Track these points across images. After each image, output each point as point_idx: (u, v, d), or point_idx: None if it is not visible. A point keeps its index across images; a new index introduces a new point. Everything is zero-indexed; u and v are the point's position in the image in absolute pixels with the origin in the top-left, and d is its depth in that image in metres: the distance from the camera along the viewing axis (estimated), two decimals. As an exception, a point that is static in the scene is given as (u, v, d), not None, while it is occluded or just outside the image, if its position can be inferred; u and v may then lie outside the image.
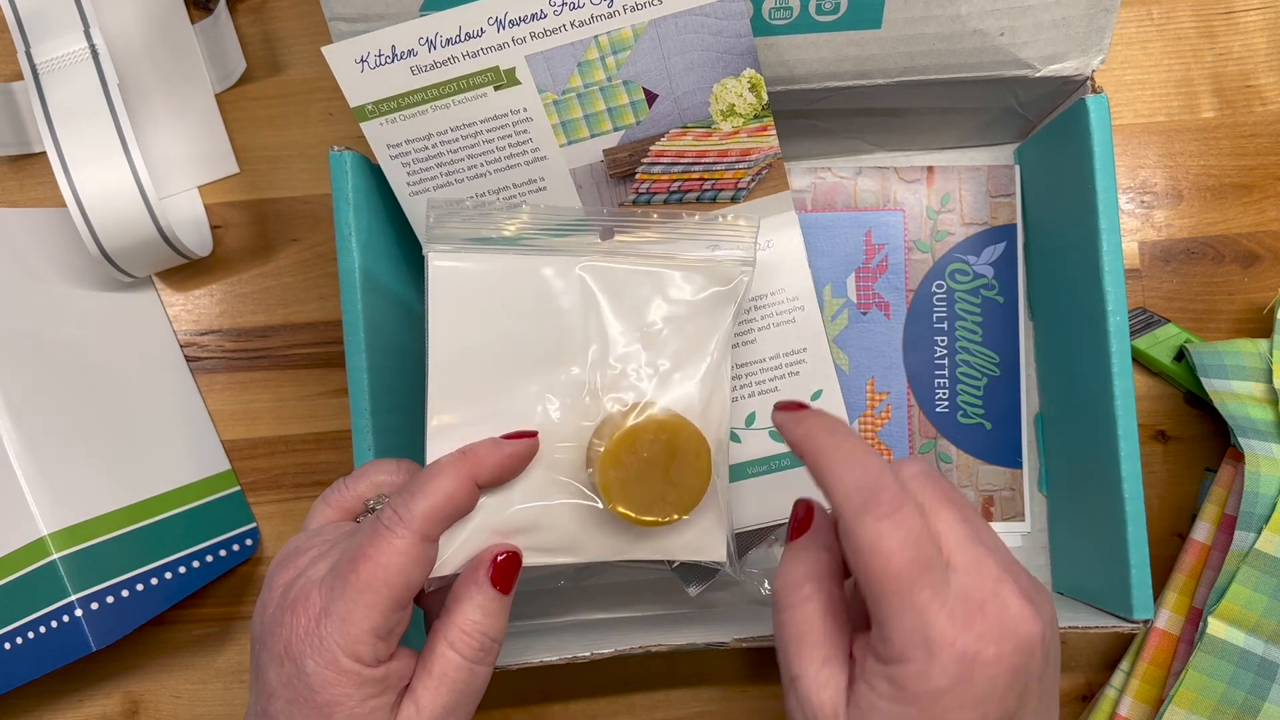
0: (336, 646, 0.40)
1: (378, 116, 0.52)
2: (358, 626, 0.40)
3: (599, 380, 0.48)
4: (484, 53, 0.50)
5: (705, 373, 0.49)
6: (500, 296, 0.48)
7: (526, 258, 0.48)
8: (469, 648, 0.43)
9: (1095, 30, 0.52)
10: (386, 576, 0.40)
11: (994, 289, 0.63)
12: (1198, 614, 0.59)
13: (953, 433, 0.63)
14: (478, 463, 0.44)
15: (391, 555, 0.40)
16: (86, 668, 0.65)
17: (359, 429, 0.53)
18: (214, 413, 0.67)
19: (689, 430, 0.46)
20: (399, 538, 0.41)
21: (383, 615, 0.40)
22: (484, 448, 0.45)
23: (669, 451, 0.46)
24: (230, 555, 0.65)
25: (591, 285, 0.48)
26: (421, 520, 0.41)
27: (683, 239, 0.50)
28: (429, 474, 0.43)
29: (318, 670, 0.40)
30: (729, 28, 0.50)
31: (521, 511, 0.46)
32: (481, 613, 0.43)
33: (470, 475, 0.43)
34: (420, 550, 0.41)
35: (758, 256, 0.51)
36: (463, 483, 0.43)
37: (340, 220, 0.54)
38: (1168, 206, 0.66)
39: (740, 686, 0.65)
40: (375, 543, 0.41)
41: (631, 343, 0.49)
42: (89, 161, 0.59)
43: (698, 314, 0.49)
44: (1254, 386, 0.60)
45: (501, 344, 0.48)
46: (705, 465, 0.47)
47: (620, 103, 0.52)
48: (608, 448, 0.46)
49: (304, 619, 0.41)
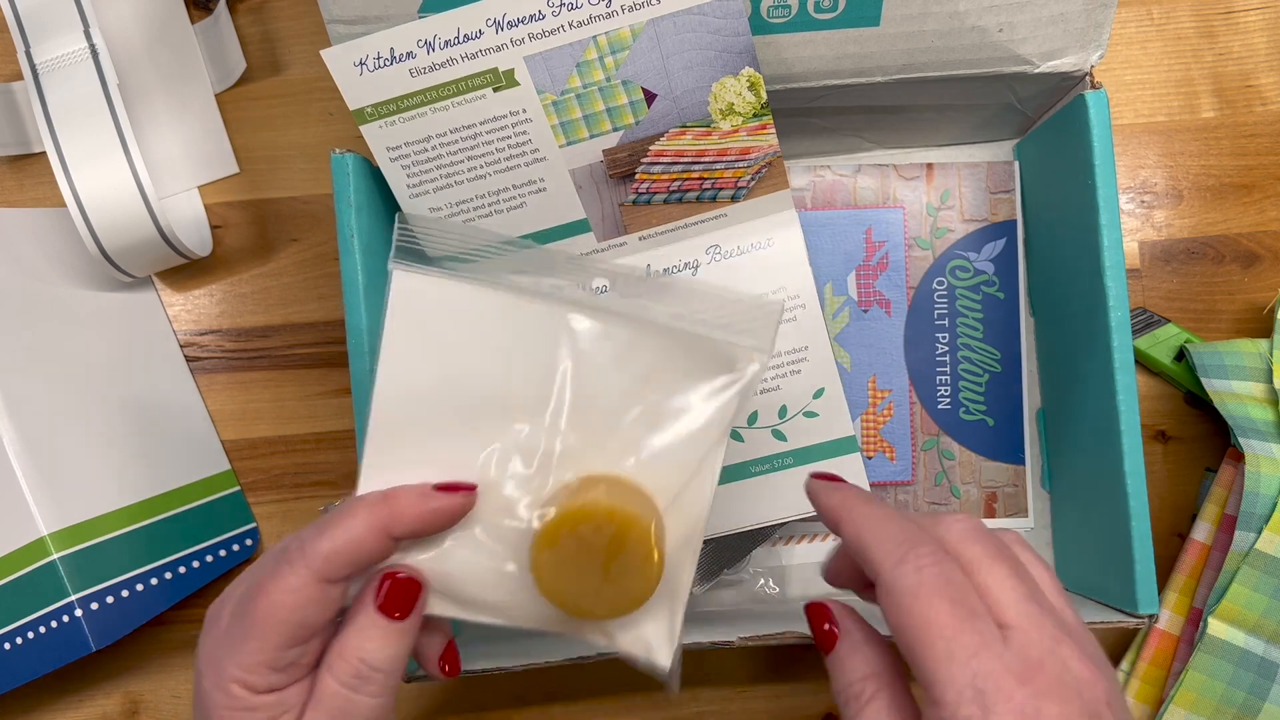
0: (228, 671, 0.39)
1: (377, 119, 0.52)
2: (250, 657, 0.38)
3: (565, 444, 0.43)
4: (482, 54, 0.50)
5: (690, 460, 0.43)
6: (470, 331, 0.44)
7: (508, 294, 0.44)
8: (344, 673, 0.40)
9: (1094, 26, 0.52)
10: (280, 615, 0.38)
11: (995, 285, 0.63)
12: (1198, 614, 0.59)
13: (955, 430, 0.63)
14: (396, 513, 0.40)
15: (285, 594, 0.38)
16: (86, 668, 0.65)
17: (364, 430, 0.52)
18: (214, 413, 0.67)
19: (640, 530, 0.40)
20: (295, 575, 0.38)
21: (275, 651, 0.38)
22: (408, 497, 0.41)
23: (614, 545, 0.40)
24: (230, 555, 0.65)
25: (580, 339, 0.44)
26: (323, 561, 0.39)
27: (693, 308, 0.44)
28: (341, 513, 0.40)
29: (210, 690, 0.39)
30: (727, 26, 0.50)
31: (452, 556, 0.42)
32: (363, 638, 0.40)
33: (385, 525, 0.40)
34: (317, 591, 0.39)
35: (757, 255, 0.50)
36: (374, 531, 0.40)
37: (342, 223, 0.54)
38: (1168, 206, 0.66)
39: (740, 687, 0.65)
40: (273, 578, 0.39)
41: (613, 410, 0.43)
42: (89, 161, 0.59)
43: (697, 395, 0.44)
44: (1254, 386, 0.60)
45: (462, 383, 0.43)
46: (651, 573, 0.41)
47: (619, 103, 0.52)
48: (545, 524, 0.41)
49: (210, 638, 0.40)
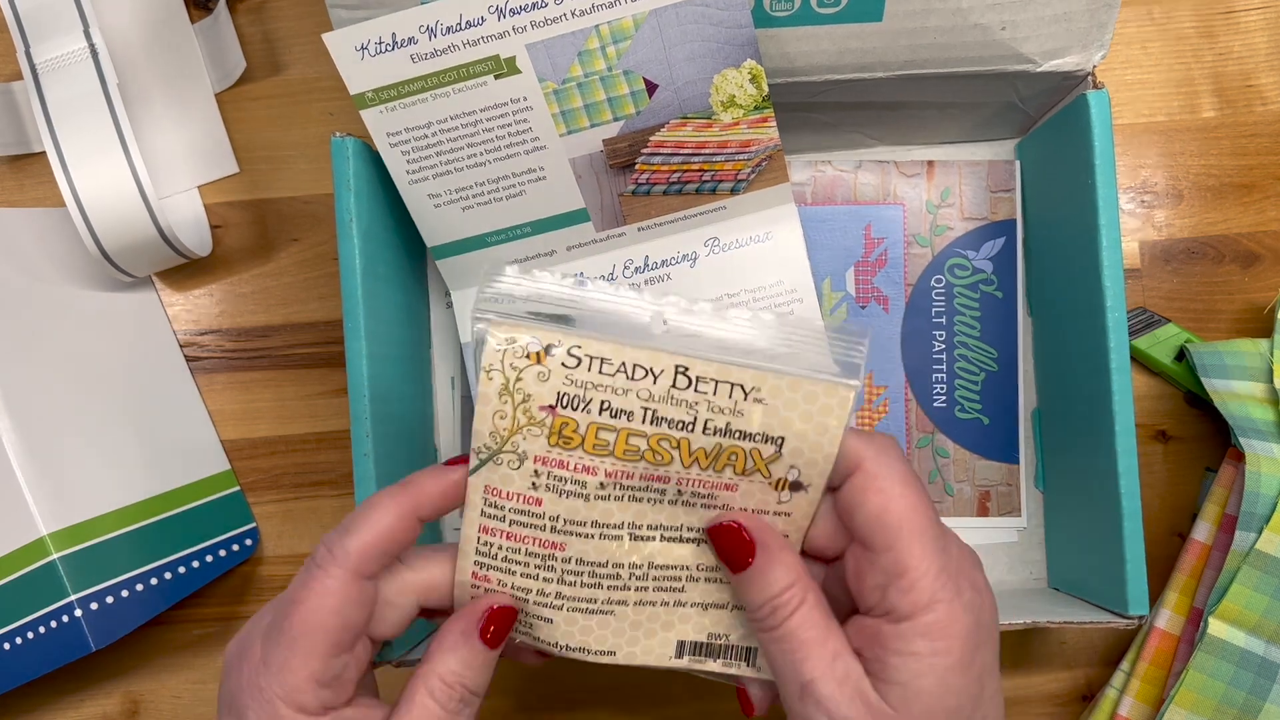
0: (276, 696, 0.38)
1: (377, 104, 0.52)
2: (296, 675, 0.38)
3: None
4: (484, 41, 0.50)
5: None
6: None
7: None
8: (450, 699, 0.40)
9: (1097, 25, 0.52)
10: (320, 620, 0.38)
11: (993, 284, 0.63)
12: (1198, 614, 0.58)
13: (950, 427, 0.63)
14: (420, 493, 0.41)
15: (324, 597, 0.38)
16: (86, 668, 0.65)
17: (358, 416, 0.53)
18: (214, 413, 0.67)
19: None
20: (331, 577, 0.39)
21: (321, 661, 0.39)
22: (426, 478, 0.41)
23: None
24: (230, 555, 0.65)
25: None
26: (357, 557, 0.39)
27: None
28: (366, 507, 0.40)
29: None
30: (730, 18, 0.50)
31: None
32: (464, 665, 0.41)
33: (412, 508, 0.40)
34: (356, 590, 0.39)
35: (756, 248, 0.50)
36: (402, 516, 0.40)
37: (341, 207, 0.54)
38: (1168, 206, 0.66)
39: (741, 686, 0.65)
40: (308, 585, 0.39)
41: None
42: (88, 161, 0.59)
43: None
44: (1254, 386, 0.60)
45: None
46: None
47: (620, 92, 0.53)
48: None
49: (246, 670, 0.39)
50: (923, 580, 0.37)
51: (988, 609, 0.40)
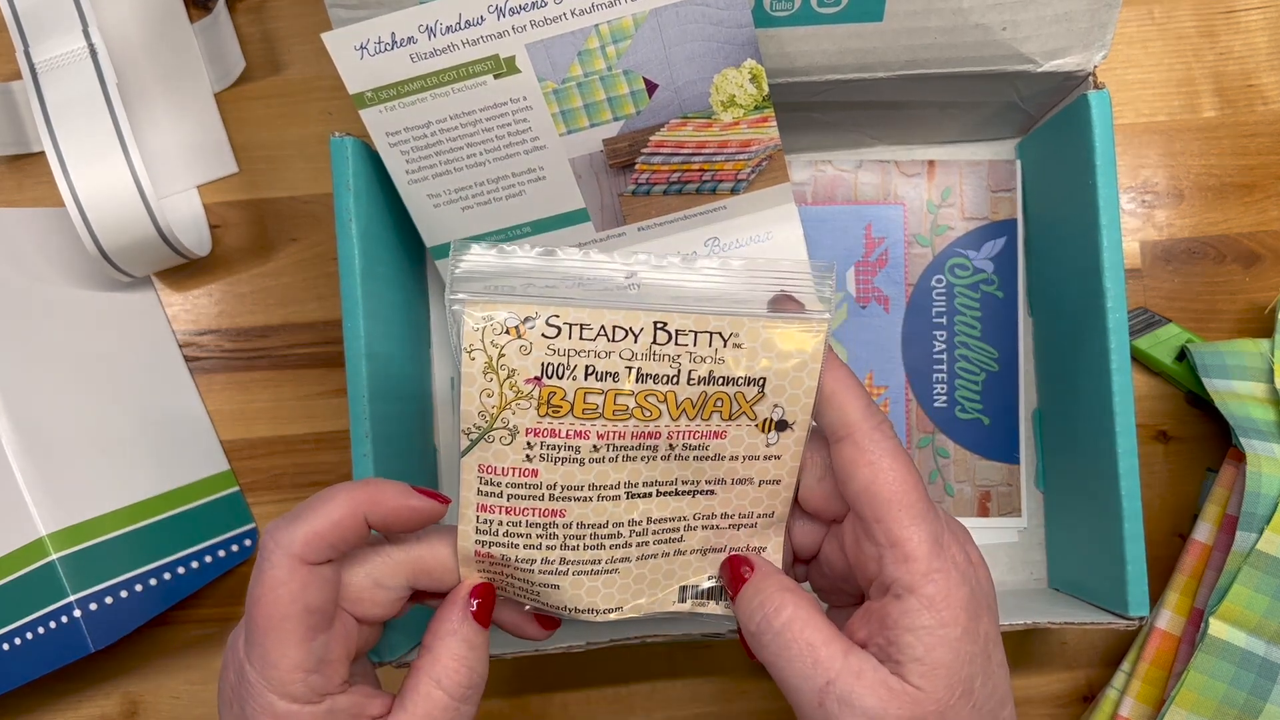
0: (267, 691, 0.38)
1: (377, 104, 0.52)
2: (278, 667, 0.38)
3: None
4: (484, 40, 0.50)
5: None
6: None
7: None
8: (458, 685, 0.41)
9: (1098, 25, 0.52)
10: (282, 610, 0.38)
11: (994, 284, 0.63)
12: (1199, 615, 0.58)
13: (950, 427, 0.63)
14: (375, 500, 0.40)
15: (275, 588, 0.38)
16: (85, 668, 0.65)
17: (357, 416, 0.53)
18: (213, 413, 0.67)
19: None
20: (277, 568, 0.38)
21: (298, 649, 0.38)
22: (389, 490, 0.40)
23: None
24: (229, 556, 0.65)
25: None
26: (301, 545, 0.38)
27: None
28: (320, 498, 0.40)
29: (258, 714, 0.39)
30: (730, 18, 0.50)
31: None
32: (468, 647, 0.41)
33: (362, 510, 0.40)
34: (304, 573, 0.38)
35: (756, 248, 0.50)
36: (352, 513, 0.39)
37: (340, 206, 0.54)
38: (1169, 206, 0.66)
39: (740, 685, 0.65)
40: (259, 580, 0.39)
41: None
42: (88, 161, 0.59)
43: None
44: (1255, 386, 0.60)
45: None
46: None
47: (620, 92, 0.52)
48: None
49: (232, 673, 0.40)
50: (918, 550, 0.38)
51: (983, 579, 0.41)
